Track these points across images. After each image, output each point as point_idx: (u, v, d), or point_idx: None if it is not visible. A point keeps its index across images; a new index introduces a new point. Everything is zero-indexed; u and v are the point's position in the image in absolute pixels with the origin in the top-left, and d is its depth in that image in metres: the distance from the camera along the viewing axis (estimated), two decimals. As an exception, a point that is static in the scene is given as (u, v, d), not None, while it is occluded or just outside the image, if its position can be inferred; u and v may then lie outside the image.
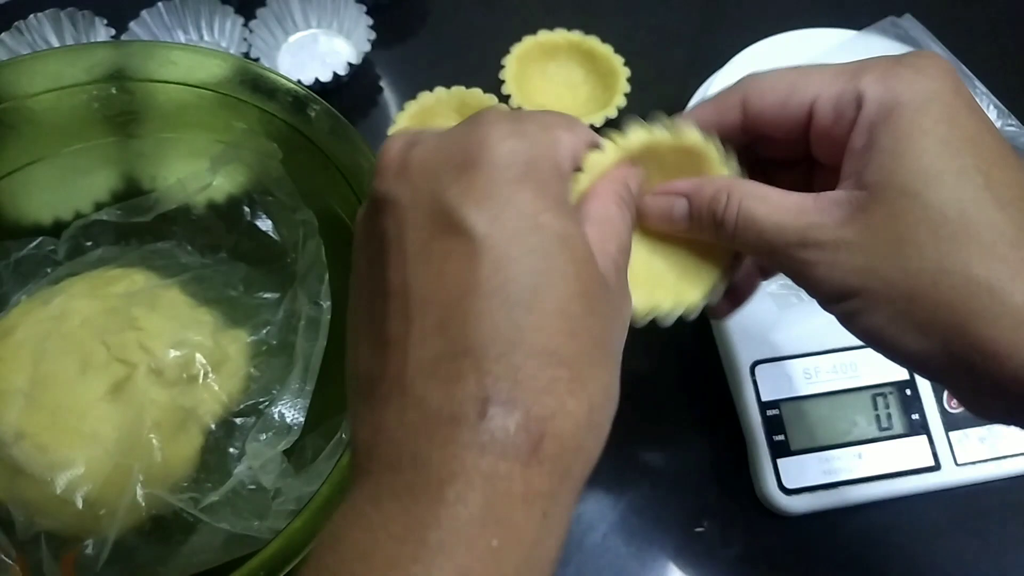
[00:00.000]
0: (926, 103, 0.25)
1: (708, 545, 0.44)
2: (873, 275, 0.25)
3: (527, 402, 0.21)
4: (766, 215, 0.26)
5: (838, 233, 0.25)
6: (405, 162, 0.24)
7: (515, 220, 0.22)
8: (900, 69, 0.26)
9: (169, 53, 0.43)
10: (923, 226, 0.24)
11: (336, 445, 0.37)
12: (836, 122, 0.26)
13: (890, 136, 0.25)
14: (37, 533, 0.37)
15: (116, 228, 0.44)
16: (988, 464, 0.44)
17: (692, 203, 0.28)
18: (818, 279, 0.26)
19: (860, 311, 0.25)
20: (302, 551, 0.32)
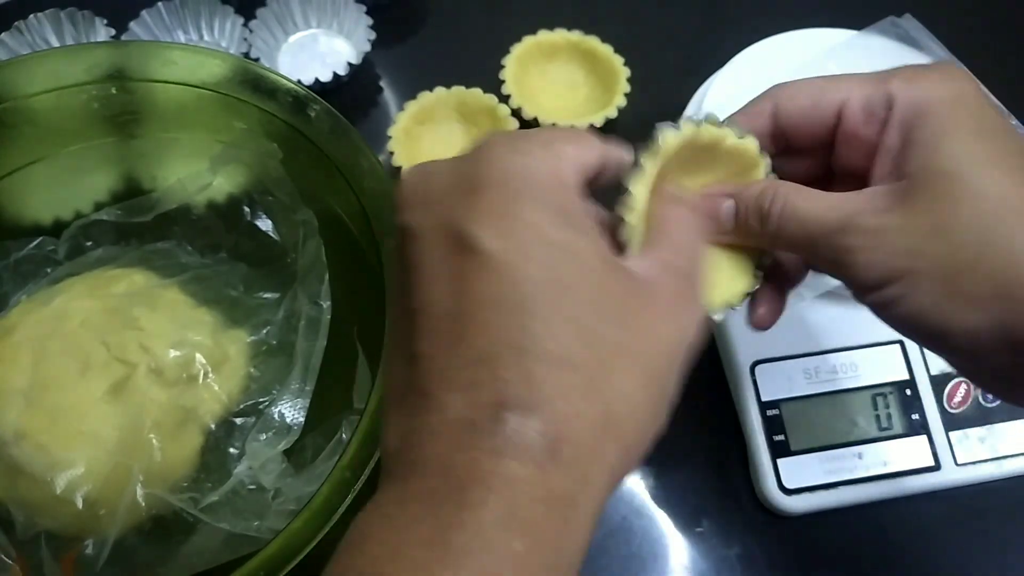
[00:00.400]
0: (955, 103, 0.27)
1: (708, 545, 0.44)
2: (919, 255, 0.25)
3: (540, 406, 0.21)
4: (809, 207, 0.28)
5: (881, 219, 0.26)
6: (419, 193, 0.25)
7: (522, 235, 0.23)
8: (927, 74, 0.27)
9: (169, 53, 0.43)
10: (965, 204, 0.25)
11: (336, 445, 0.37)
12: (866, 123, 0.28)
13: (926, 131, 0.26)
14: (37, 533, 0.37)
15: (116, 228, 0.44)
16: (988, 464, 0.44)
17: (739, 201, 0.29)
18: (861, 264, 0.26)
19: (903, 296, 0.26)
20: (302, 551, 0.32)
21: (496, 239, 0.23)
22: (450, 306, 0.23)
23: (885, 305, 0.27)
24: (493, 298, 0.22)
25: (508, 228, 0.23)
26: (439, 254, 0.23)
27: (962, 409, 0.44)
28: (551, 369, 0.22)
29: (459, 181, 0.24)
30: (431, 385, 0.22)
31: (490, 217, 0.23)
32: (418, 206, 0.25)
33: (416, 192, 0.25)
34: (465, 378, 0.22)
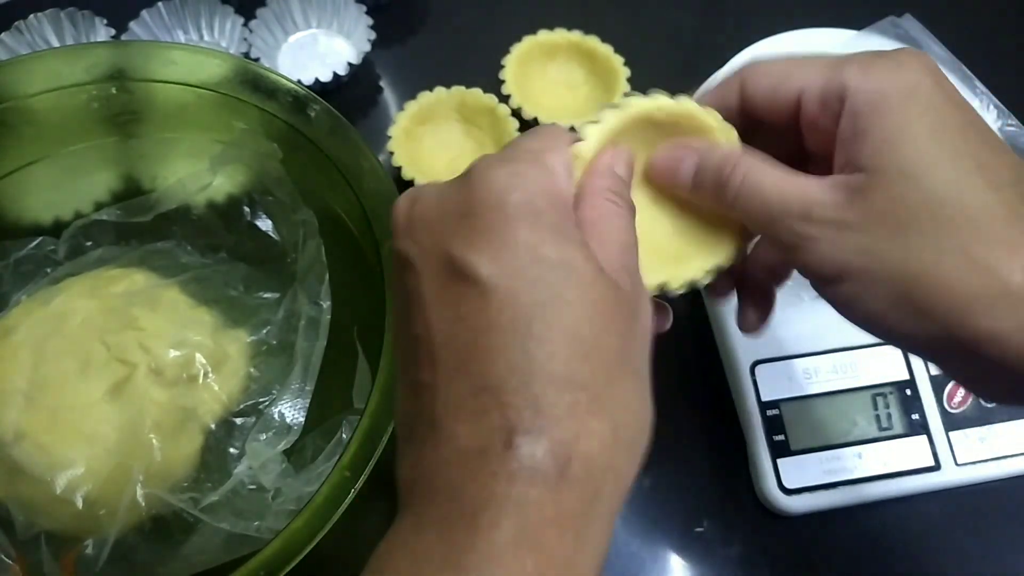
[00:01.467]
0: (909, 95, 0.25)
1: (708, 545, 0.44)
2: (873, 257, 0.25)
3: (550, 428, 0.22)
4: (771, 184, 0.27)
5: (840, 213, 0.25)
6: (411, 219, 0.25)
7: (516, 256, 0.23)
8: (882, 62, 0.26)
9: (169, 53, 0.43)
10: (922, 209, 0.24)
11: (336, 445, 0.37)
12: (823, 112, 0.27)
13: (881, 124, 0.25)
14: (37, 533, 0.37)
15: (116, 228, 0.44)
16: (988, 464, 0.44)
17: (700, 162, 0.29)
18: (818, 256, 0.26)
19: (859, 295, 0.26)
20: (302, 551, 0.32)
21: (491, 264, 0.23)
22: (451, 334, 0.23)
23: (842, 303, 0.27)
24: (493, 324, 0.22)
25: (502, 252, 0.23)
26: (436, 282, 0.24)
27: (962, 409, 0.44)
28: (557, 390, 0.22)
29: (452, 206, 0.24)
30: (439, 415, 0.23)
31: (484, 242, 0.23)
32: (413, 233, 0.25)
33: (410, 219, 0.25)
34: (472, 406, 0.22)
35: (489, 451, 0.21)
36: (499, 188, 0.24)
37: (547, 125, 0.28)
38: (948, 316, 0.24)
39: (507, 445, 0.21)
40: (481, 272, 0.23)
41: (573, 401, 0.22)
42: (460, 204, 0.24)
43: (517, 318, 0.22)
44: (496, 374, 0.22)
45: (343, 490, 0.33)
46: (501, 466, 0.21)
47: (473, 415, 0.22)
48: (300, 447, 0.38)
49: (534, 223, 0.23)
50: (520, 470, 0.21)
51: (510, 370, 0.22)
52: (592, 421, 0.22)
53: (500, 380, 0.22)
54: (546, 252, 0.23)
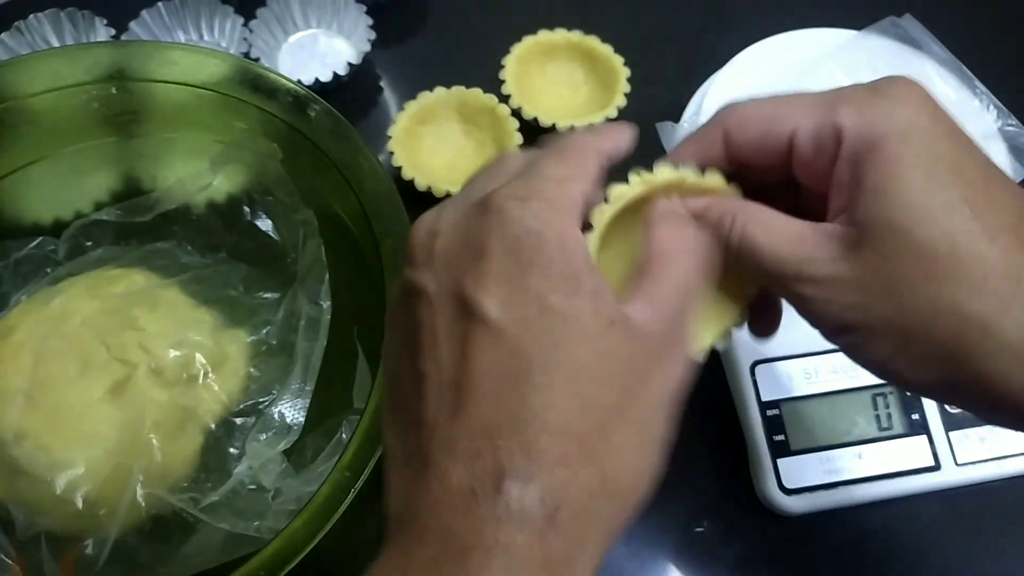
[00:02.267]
0: (906, 134, 0.25)
1: (708, 545, 0.44)
2: (869, 312, 0.25)
3: (540, 475, 0.22)
4: (766, 243, 0.27)
5: (833, 269, 0.25)
6: (430, 252, 0.25)
7: (525, 305, 0.23)
8: (876, 100, 0.26)
9: (169, 53, 0.43)
10: (914, 265, 0.24)
11: (336, 445, 0.37)
12: (817, 155, 0.27)
13: (875, 173, 0.25)
14: (37, 533, 0.37)
15: (116, 228, 0.44)
16: (988, 464, 0.44)
17: (699, 221, 0.28)
18: (816, 314, 0.26)
19: (859, 345, 0.26)
20: (302, 551, 0.32)
21: (501, 308, 0.23)
22: (455, 373, 0.23)
23: (847, 349, 0.27)
24: (495, 368, 0.23)
25: (512, 298, 0.23)
26: (447, 318, 0.24)
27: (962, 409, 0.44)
28: (550, 438, 0.22)
29: (467, 244, 0.24)
30: (433, 452, 0.23)
31: (496, 285, 0.23)
32: (428, 266, 0.25)
33: (430, 252, 0.25)
34: (467, 447, 0.22)
35: (479, 494, 0.22)
36: (514, 230, 0.24)
37: (575, 141, 0.27)
38: (945, 366, 0.25)
39: (497, 489, 0.22)
40: (491, 315, 0.23)
41: (565, 450, 0.22)
42: (476, 242, 0.24)
43: (520, 365, 0.23)
44: (493, 418, 0.22)
45: (343, 490, 0.33)
46: (490, 509, 0.21)
47: (466, 456, 0.22)
48: (300, 447, 0.38)
49: (545, 271, 0.23)
50: (509, 514, 0.21)
51: (506, 416, 0.22)
52: (581, 471, 0.22)
53: (496, 424, 0.22)
54: (554, 302, 0.23)
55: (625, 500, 0.24)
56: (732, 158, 0.29)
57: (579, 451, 0.22)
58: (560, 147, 0.27)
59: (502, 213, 0.24)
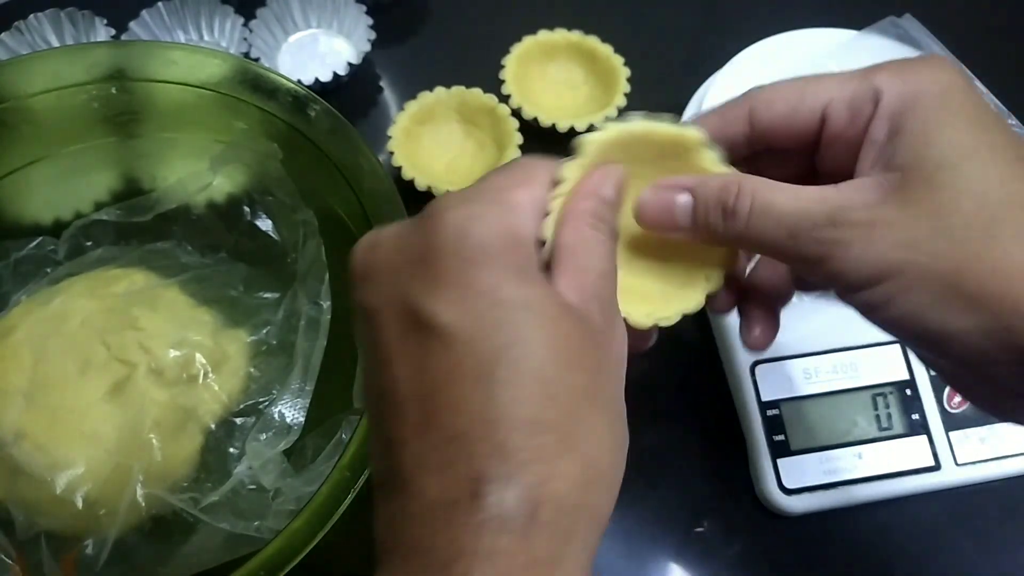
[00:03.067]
0: (945, 94, 0.25)
1: (708, 545, 0.44)
2: (917, 249, 0.24)
3: (517, 474, 0.21)
4: (787, 201, 0.26)
5: (874, 212, 0.25)
6: (368, 267, 0.25)
7: (476, 301, 0.22)
8: (914, 66, 0.26)
9: (169, 53, 0.43)
10: (966, 197, 0.24)
11: (336, 445, 0.37)
12: (851, 121, 0.26)
13: (917, 122, 0.25)
14: (37, 533, 0.37)
15: (116, 228, 0.44)
16: (988, 464, 0.44)
17: (697, 196, 0.27)
18: (851, 260, 0.25)
19: (895, 295, 0.25)
20: (302, 551, 0.32)
21: (451, 310, 0.22)
22: (416, 386, 0.22)
23: (875, 306, 0.25)
24: (456, 372, 0.22)
25: (462, 297, 0.22)
26: (398, 332, 0.23)
27: (962, 409, 0.44)
28: (524, 434, 0.21)
29: (408, 252, 0.24)
30: (407, 470, 0.22)
31: (443, 289, 0.22)
32: (371, 282, 0.24)
33: (367, 267, 0.25)
34: (439, 458, 0.22)
35: (458, 502, 0.21)
36: (456, 231, 0.23)
37: (523, 159, 0.27)
38: (998, 305, 0.23)
39: (474, 495, 0.21)
40: (441, 319, 0.22)
41: (540, 444, 0.21)
42: (418, 249, 0.23)
43: (480, 364, 0.22)
44: (462, 423, 0.22)
45: (343, 490, 0.33)
46: (470, 517, 0.21)
47: (441, 467, 0.22)
48: (300, 447, 0.38)
49: (492, 265, 0.23)
50: (488, 520, 0.21)
51: (475, 418, 0.21)
52: (560, 462, 0.22)
53: (466, 429, 0.21)
54: (506, 294, 0.22)
55: (606, 483, 0.23)
56: (754, 137, 0.28)
57: (555, 441, 0.22)
58: (504, 165, 0.26)
59: (442, 217, 0.23)
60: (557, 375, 0.22)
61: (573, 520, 0.22)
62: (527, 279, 0.23)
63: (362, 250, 0.25)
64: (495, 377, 0.22)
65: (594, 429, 0.23)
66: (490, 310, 0.22)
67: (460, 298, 0.22)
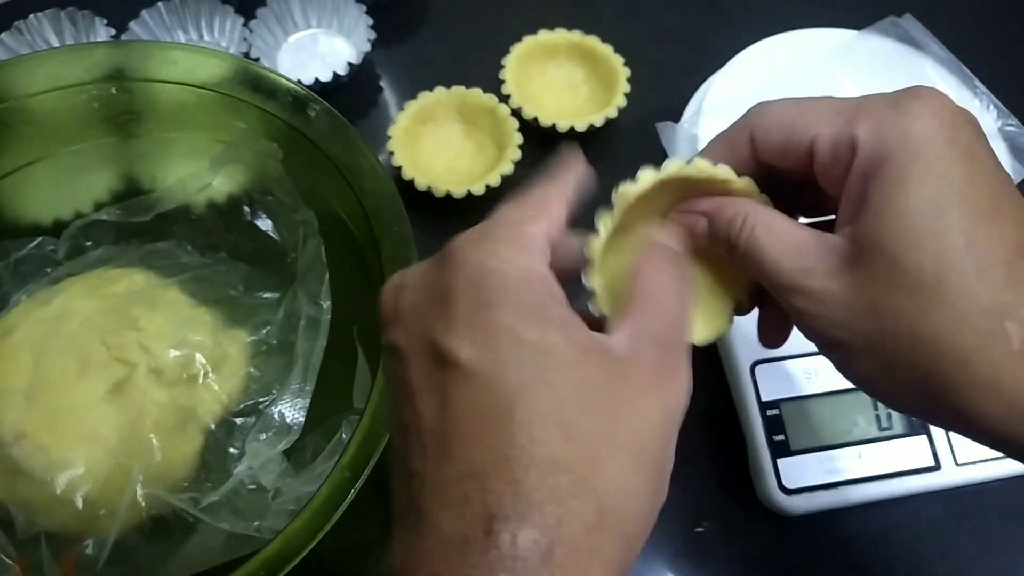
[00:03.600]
0: (917, 154, 0.25)
1: (708, 545, 0.44)
2: (854, 332, 0.25)
3: (530, 513, 0.21)
4: (769, 250, 0.27)
5: (826, 284, 0.26)
6: (396, 309, 0.25)
7: (496, 341, 0.23)
8: (895, 114, 0.25)
9: (169, 53, 0.43)
10: (901, 290, 0.24)
11: (336, 445, 0.37)
12: (834, 163, 0.27)
13: (878, 191, 0.25)
14: (37, 533, 0.37)
15: (116, 228, 0.44)
16: (988, 464, 0.44)
17: (712, 222, 0.29)
18: (806, 326, 0.27)
19: (847, 362, 0.27)
20: (302, 551, 0.32)
21: (472, 348, 0.23)
22: (436, 421, 0.23)
23: (835, 364, 0.27)
24: (475, 409, 0.22)
25: (482, 336, 0.23)
26: (423, 369, 0.24)
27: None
28: (539, 473, 0.21)
29: (431, 293, 0.24)
30: (425, 503, 0.22)
31: (464, 327, 0.23)
32: (396, 322, 0.25)
33: (396, 308, 0.25)
34: (455, 494, 0.22)
35: (471, 540, 0.21)
36: (474, 270, 0.24)
37: (532, 189, 0.27)
38: (923, 394, 0.25)
39: (487, 532, 0.21)
40: (462, 357, 0.23)
41: (554, 483, 0.21)
42: (439, 289, 0.24)
43: (499, 402, 0.22)
44: (479, 460, 0.22)
45: (343, 490, 0.33)
46: (482, 555, 0.21)
47: (456, 503, 0.22)
48: (300, 447, 0.38)
49: (511, 305, 0.23)
50: (501, 559, 0.21)
51: (492, 455, 0.22)
52: (574, 503, 0.21)
53: (482, 466, 0.22)
54: (526, 335, 0.23)
55: (626, 530, 0.23)
56: (758, 160, 0.29)
57: (570, 483, 0.22)
58: (519, 196, 0.27)
59: (460, 256, 0.24)
60: (574, 419, 0.22)
61: (588, 564, 0.21)
62: (544, 319, 0.23)
63: (388, 292, 0.26)
64: (513, 416, 0.22)
65: (614, 475, 0.22)
66: (509, 350, 0.23)
67: (479, 337, 0.23)
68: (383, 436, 0.34)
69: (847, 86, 0.50)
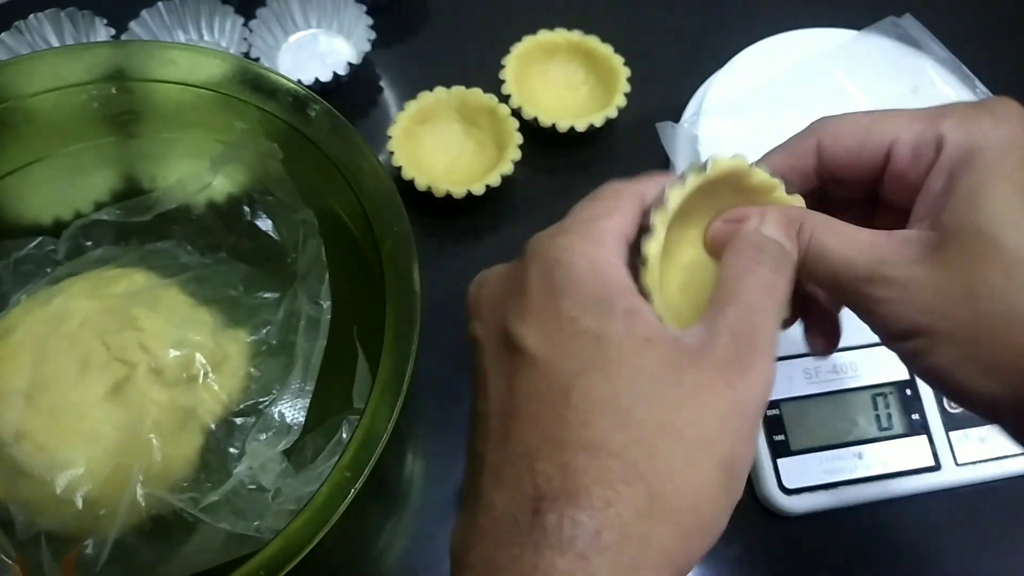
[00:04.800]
0: (1007, 149, 0.25)
1: (708, 545, 0.43)
2: (942, 314, 0.25)
3: (578, 495, 0.21)
4: (836, 247, 0.27)
5: (909, 271, 0.25)
6: (477, 302, 0.27)
7: (559, 329, 0.24)
8: (980, 115, 0.26)
9: (169, 53, 0.43)
10: (997, 269, 0.24)
11: (336, 445, 0.37)
12: (913, 164, 0.27)
13: (969, 180, 0.25)
14: (37, 533, 0.37)
15: (116, 228, 0.44)
16: (988, 464, 0.44)
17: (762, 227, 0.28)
18: (885, 316, 0.26)
19: (925, 351, 0.26)
20: (302, 551, 0.32)
21: (536, 335, 0.24)
22: (500, 404, 0.24)
23: (909, 356, 0.27)
24: (535, 393, 0.23)
25: (546, 324, 0.24)
26: (494, 355, 0.25)
27: (962, 409, 0.44)
28: (589, 457, 0.22)
29: (507, 286, 0.26)
30: (483, 484, 0.23)
31: (531, 315, 0.24)
32: (477, 315, 0.27)
33: (475, 302, 0.27)
34: (510, 475, 0.23)
35: (520, 519, 0.22)
36: (548, 263, 0.25)
37: (610, 185, 0.28)
38: (1015, 376, 0.24)
39: (535, 512, 0.21)
40: (527, 343, 0.24)
41: (604, 467, 0.22)
42: (515, 282, 0.25)
43: (556, 387, 0.23)
44: (532, 442, 0.22)
45: (343, 490, 0.33)
46: (529, 535, 0.21)
47: (509, 483, 0.22)
48: (300, 447, 0.38)
49: (576, 295, 0.24)
50: (548, 539, 0.21)
51: (545, 437, 0.22)
52: (624, 488, 0.22)
53: (535, 447, 0.22)
54: (586, 324, 0.24)
55: (683, 521, 0.23)
56: (822, 170, 0.29)
57: (620, 468, 0.22)
58: (593, 193, 0.28)
59: (535, 251, 0.25)
60: (630, 406, 0.23)
61: (640, 551, 0.22)
62: (607, 309, 0.24)
63: (472, 287, 0.28)
64: (568, 401, 0.23)
65: (670, 463, 0.22)
66: (571, 338, 0.23)
67: (544, 325, 0.24)
68: (383, 436, 0.34)
69: (847, 86, 0.50)
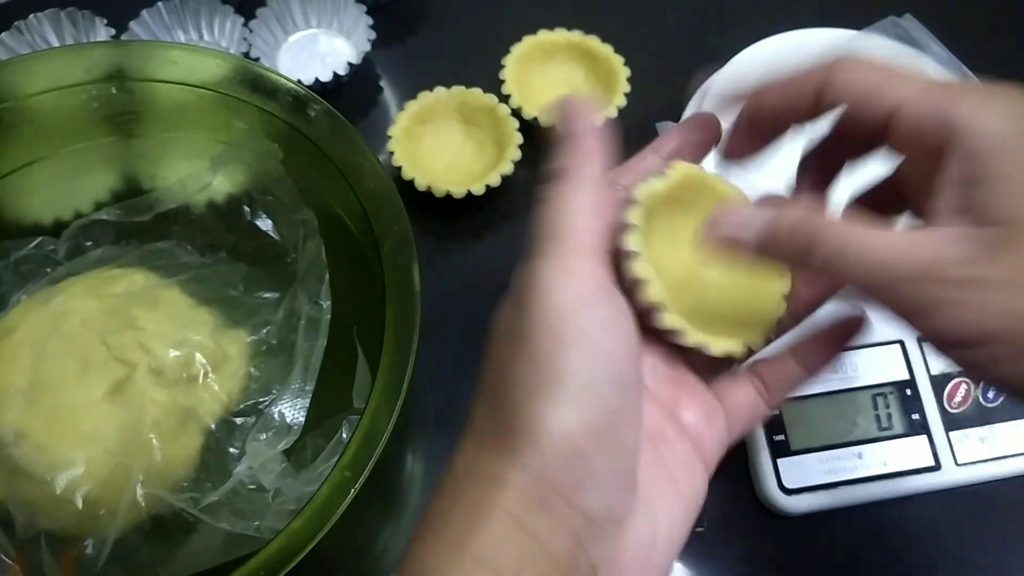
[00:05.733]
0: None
1: (708, 545, 0.44)
2: (1018, 316, 0.22)
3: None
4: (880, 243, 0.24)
5: (974, 271, 0.23)
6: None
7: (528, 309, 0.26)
8: (992, 100, 0.24)
9: (169, 53, 0.43)
10: None
11: (336, 445, 0.37)
12: (915, 139, 0.25)
13: (1010, 171, 0.23)
14: (37, 533, 0.37)
15: (116, 228, 0.44)
16: (988, 464, 0.44)
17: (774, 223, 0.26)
18: (947, 320, 0.23)
19: (1000, 358, 0.23)
20: (302, 551, 0.32)
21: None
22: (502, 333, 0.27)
23: (974, 365, 0.24)
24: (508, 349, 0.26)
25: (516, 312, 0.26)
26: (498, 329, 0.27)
27: (962, 409, 0.44)
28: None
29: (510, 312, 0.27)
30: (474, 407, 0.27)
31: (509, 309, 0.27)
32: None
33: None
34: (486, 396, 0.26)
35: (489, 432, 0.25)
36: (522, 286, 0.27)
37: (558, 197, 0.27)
38: None
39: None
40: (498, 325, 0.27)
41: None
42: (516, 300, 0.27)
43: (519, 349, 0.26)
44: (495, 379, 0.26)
45: (343, 490, 0.33)
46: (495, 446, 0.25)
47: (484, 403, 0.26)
48: (300, 447, 0.38)
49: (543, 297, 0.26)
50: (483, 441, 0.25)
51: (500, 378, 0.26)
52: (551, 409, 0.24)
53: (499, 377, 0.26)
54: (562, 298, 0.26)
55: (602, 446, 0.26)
56: (820, 105, 0.27)
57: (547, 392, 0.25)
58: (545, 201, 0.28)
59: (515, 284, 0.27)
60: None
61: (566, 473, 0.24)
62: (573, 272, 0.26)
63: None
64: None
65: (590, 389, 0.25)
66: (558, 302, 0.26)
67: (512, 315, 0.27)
68: (383, 436, 0.34)
69: (847, 86, 0.49)
